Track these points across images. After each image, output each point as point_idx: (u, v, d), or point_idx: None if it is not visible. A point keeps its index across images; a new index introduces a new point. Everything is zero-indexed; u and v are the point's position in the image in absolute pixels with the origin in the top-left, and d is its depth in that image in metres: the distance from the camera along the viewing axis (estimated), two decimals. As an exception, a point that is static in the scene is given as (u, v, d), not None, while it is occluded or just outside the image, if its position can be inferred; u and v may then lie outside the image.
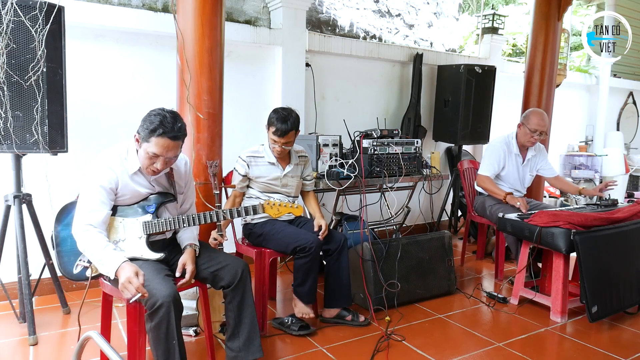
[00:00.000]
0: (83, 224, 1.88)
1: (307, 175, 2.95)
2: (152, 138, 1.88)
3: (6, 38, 2.28)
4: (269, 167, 2.77)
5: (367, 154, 3.22)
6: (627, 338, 2.72)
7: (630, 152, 7.00)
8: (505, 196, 3.35)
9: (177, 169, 2.17)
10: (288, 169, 2.80)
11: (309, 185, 2.98)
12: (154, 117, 1.89)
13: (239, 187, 2.78)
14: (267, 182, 2.77)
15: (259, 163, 2.77)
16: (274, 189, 2.80)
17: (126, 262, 1.81)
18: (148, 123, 1.89)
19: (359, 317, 2.79)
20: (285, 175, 2.80)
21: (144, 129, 1.90)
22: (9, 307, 2.80)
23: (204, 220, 2.10)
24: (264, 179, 2.77)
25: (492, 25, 5.34)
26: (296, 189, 2.89)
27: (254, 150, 2.79)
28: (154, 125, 1.87)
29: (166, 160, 1.94)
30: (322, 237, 2.67)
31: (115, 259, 1.82)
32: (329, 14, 4.48)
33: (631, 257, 2.94)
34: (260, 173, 2.77)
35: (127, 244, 1.99)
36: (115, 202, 2.00)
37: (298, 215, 2.30)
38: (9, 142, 2.36)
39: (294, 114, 2.68)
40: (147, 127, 1.88)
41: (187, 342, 2.36)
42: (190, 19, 2.60)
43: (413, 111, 4.59)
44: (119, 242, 1.98)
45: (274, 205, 2.20)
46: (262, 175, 2.77)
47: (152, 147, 1.89)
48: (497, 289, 3.42)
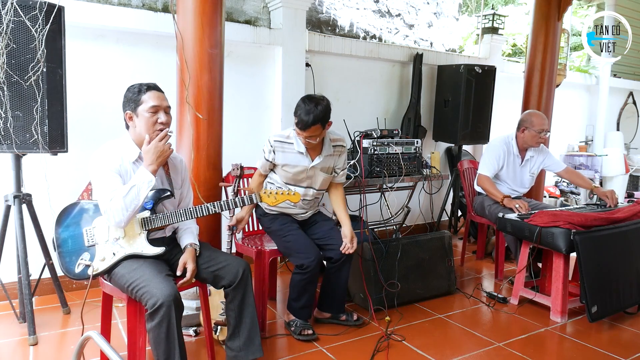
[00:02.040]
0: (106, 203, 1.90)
1: (338, 167, 2.69)
2: (142, 96, 1.98)
3: (6, 38, 2.28)
4: (296, 155, 2.54)
5: (367, 154, 3.22)
6: (627, 338, 2.72)
7: (630, 152, 7.00)
8: (502, 198, 3.35)
9: (172, 164, 2.19)
10: (317, 160, 2.55)
11: (339, 177, 2.72)
12: (131, 87, 2.02)
13: (262, 170, 2.63)
14: (292, 172, 2.55)
15: (286, 150, 2.54)
16: (298, 180, 2.59)
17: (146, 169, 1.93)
18: (130, 93, 2.01)
19: (352, 316, 2.77)
20: (313, 167, 2.56)
21: (131, 98, 2.00)
22: (9, 307, 2.80)
23: (201, 213, 2.09)
24: (289, 169, 2.55)
25: (492, 25, 5.34)
26: (323, 183, 2.66)
27: (284, 135, 2.55)
28: (136, 89, 2.00)
29: (165, 110, 2.02)
30: (345, 251, 2.56)
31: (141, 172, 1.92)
32: (329, 14, 4.48)
33: (631, 257, 2.94)
34: (286, 161, 2.54)
35: (127, 241, 1.99)
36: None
37: (296, 202, 2.21)
38: (9, 142, 2.36)
39: (322, 105, 2.40)
40: (133, 92, 1.99)
41: (187, 342, 2.35)
42: (190, 19, 2.60)
43: (413, 111, 4.59)
44: (118, 239, 1.99)
45: (271, 194, 2.17)
46: (288, 163, 2.54)
47: (149, 101, 1.98)
48: (497, 289, 3.42)
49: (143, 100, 1.98)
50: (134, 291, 1.87)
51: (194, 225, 2.23)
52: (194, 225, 2.22)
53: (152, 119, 1.99)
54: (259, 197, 2.17)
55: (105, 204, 1.91)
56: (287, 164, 2.55)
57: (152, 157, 1.95)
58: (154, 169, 1.94)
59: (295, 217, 2.73)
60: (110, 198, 1.89)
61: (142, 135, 2.00)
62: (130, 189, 1.90)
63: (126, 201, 1.88)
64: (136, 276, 1.89)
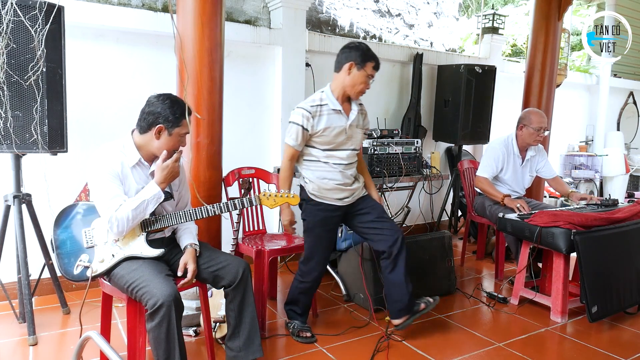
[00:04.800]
0: (111, 212, 1.90)
1: (366, 126, 2.63)
2: (183, 121, 2.03)
3: (6, 38, 2.28)
4: (333, 116, 2.43)
5: (368, 154, 3.21)
6: (627, 338, 2.72)
7: (630, 152, 7.00)
8: (503, 198, 3.34)
9: None
10: (352, 116, 2.47)
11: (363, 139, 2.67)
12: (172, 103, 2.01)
13: (299, 145, 2.43)
14: (332, 134, 2.43)
15: (323, 112, 2.41)
16: (338, 143, 2.46)
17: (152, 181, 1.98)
18: (171, 110, 1.99)
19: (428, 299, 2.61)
20: (351, 125, 2.48)
21: (171, 116, 1.99)
22: (8, 307, 2.80)
23: (201, 215, 2.10)
24: (329, 132, 2.42)
25: (492, 25, 5.34)
26: (360, 142, 2.59)
27: (314, 99, 2.44)
28: (178, 110, 2.01)
29: None
30: None
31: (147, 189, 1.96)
32: (329, 13, 4.48)
33: (631, 257, 2.94)
34: (326, 123, 2.41)
35: (126, 242, 1.99)
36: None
37: (294, 204, 2.22)
38: (9, 142, 2.36)
39: None
40: (175, 112, 2.00)
41: (187, 342, 2.35)
42: (190, 19, 2.60)
43: (413, 111, 4.59)
44: (117, 241, 1.99)
45: (270, 196, 2.18)
46: (329, 126, 2.41)
47: (185, 127, 2.05)
48: (497, 289, 3.42)
49: (182, 124, 2.03)
50: (134, 291, 1.87)
51: (192, 225, 2.22)
52: (192, 225, 2.22)
53: (180, 143, 2.07)
54: (258, 200, 2.18)
55: (107, 211, 1.91)
56: (328, 126, 2.42)
57: (165, 176, 1.99)
58: (164, 187, 2.00)
59: (341, 202, 2.53)
60: (116, 208, 1.90)
61: (160, 149, 2.02)
62: (140, 203, 1.92)
63: (134, 214, 1.91)
64: (136, 276, 1.89)
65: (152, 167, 2.06)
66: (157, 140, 2.01)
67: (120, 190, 1.95)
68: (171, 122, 1.99)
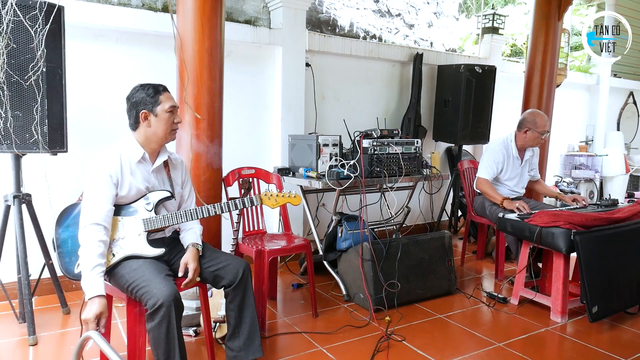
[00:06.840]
0: (86, 222, 1.89)
1: None
2: (160, 97, 2.02)
3: (6, 38, 2.28)
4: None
5: (367, 154, 3.21)
6: (628, 338, 2.72)
7: (630, 152, 7.00)
8: (502, 201, 3.35)
9: (172, 164, 2.19)
10: None
11: None
12: (144, 87, 2.04)
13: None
14: None
15: None
16: None
17: (99, 297, 1.76)
18: (144, 93, 2.02)
19: None
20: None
21: (147, 98, 2.01)
22: (8, 307, 2.80)
23: (201, 215, 2.10)
24: None
25: (492, 25, 5.34)
26: None
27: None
28: (151, 89, 2.02)
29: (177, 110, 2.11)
30: None
31: (94, 287, 1.78)
32: (329, 13, 4.48)
33: (631, 257, 2.94)
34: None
35: (127, 242, 1.99)
36: (116, 202, 2.00)
37: (296, 204, 2.23)
38: (9, 142, 2.36)
39: None
40: (149, 93, 2.01)
41: (187, 342, 2.35)
42: (190, 19, 2.60)
43: (413, 111, 4.59)
44: (118, 240, 1.99)
45: (272, 196, 2.18)
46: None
47: (167, 102, 2.03)
48: (497, 289, 3.42)
49: (161, 100, 2.03)
50: (134, 291, 1.87)
51: (197, 225, 2.22)
52: (197, 226, 2.22)
53: (170, 119, 2.05)
54: (259, 200, 2.17)
55: (82, 219, 1.89)
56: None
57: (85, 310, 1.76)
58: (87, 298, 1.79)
59: None
60: (86, 230, 1.86)
61: (156, 135, 2.04)
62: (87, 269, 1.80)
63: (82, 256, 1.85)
64: (136, 276, 1.89)
65: (154, 164, 2.08)
66: (149, 127, 2.03)
67: (108, 199, 1.93)
68: (150, 103, 2.01)
